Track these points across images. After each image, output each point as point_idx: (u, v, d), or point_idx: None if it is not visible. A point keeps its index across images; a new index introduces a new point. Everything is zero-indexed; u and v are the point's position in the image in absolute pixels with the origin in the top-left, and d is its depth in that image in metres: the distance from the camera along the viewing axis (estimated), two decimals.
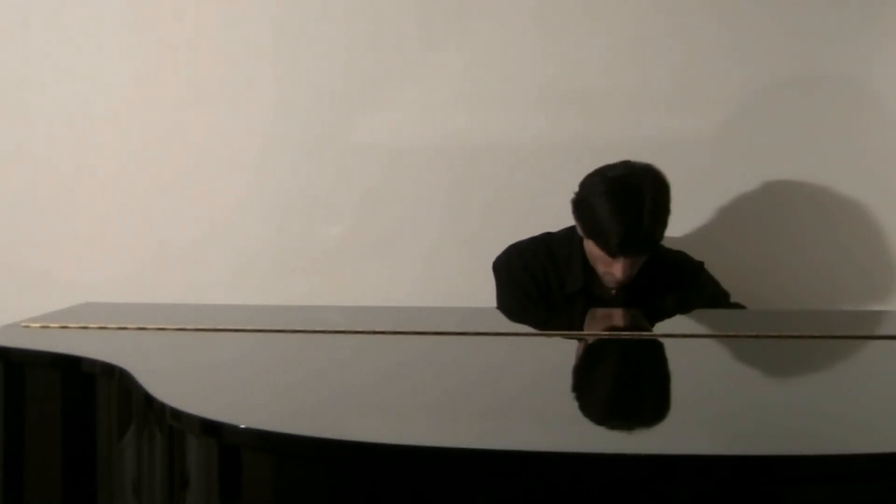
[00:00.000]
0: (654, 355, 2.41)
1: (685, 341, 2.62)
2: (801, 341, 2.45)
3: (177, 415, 1.73)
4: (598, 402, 1.99)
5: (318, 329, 2.54)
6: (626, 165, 2.92)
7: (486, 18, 3.37)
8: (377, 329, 2.45)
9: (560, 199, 3.01)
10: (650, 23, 3.35)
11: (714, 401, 1.94)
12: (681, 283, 3.03)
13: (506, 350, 2.39)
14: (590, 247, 2.95)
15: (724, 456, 1.53)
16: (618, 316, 2.95)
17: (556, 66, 3.36)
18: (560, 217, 3.05)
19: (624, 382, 2.19)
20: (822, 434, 1.68)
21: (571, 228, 3.05)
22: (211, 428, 1.68)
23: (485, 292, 3.10)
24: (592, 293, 3.01)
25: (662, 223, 2.91)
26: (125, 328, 2.51)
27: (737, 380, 2.15)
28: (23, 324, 2.55)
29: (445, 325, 2.59)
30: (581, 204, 2.94)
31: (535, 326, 2.96)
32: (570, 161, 2.99)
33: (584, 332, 2.76)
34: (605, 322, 2.93)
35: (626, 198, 2.86)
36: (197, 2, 3.47)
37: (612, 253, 2.88)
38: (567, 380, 2.16)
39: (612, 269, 2.91)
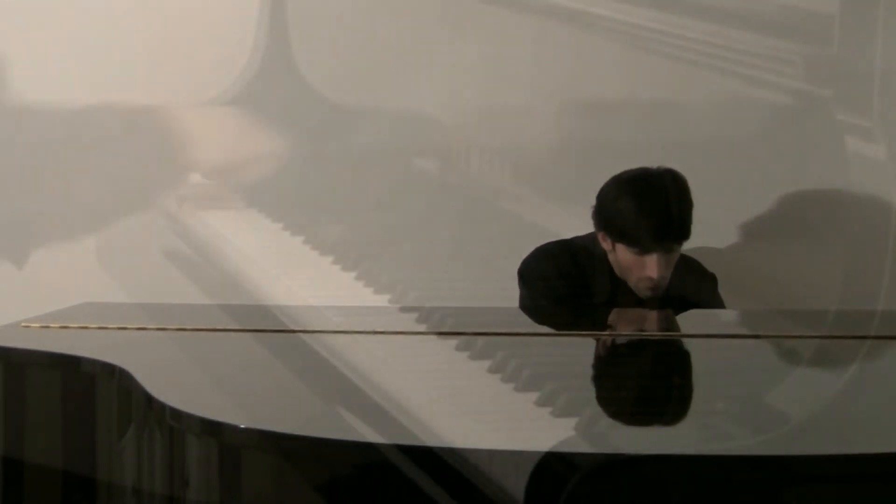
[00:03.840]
0: (652, 355, 2.41)
1: (684, 341, 2.62)
2: (800, 341, 2.45)
3: (177, 415, 1.73)
4: (597, 402, 1.99)
5: (318, 329, 2.54)
6: (640, 169, 2.89)
7: (488, 18, 3.37)
8: (377, 329, 2.45)
9: (564, 202, 3.00)
10: (651, 22, 3.35)
11: (713, 401, 1.94)
12: (696, 292, 2.98)
13: (506, 350, 2.38)
14: (620, 254, 2.86)
15: (724, 456, 1.53)
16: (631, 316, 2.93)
17: (559, 67, 3.36)
18: (562, 218, 3.04)
19: (623, 382, 2.19)
20: (821, 434, 1.69)
21: (588, 238, 3.00)
22: (211, 428, 1.68)
23: (485, 292, 3.09)
24: (617, 304, 2.96)
25: (689, 212, 2.86)
26: (125, 328, 2.51)
27: (736, 380, 2.15)
28: (23, 324, 2.55)
29: (445, 325, 2.59)
30: (603, 211, 2.85)
31: (534, 326, 2.96)
32: (574, 163, 2.98)
33: (583, 333, 2.75)
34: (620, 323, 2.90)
35: (648, 191, 2.82)
36: None
37: (646, 248, 2.81)
38: (566, 380, 2.16)
39: (646, 271, 2.83)
